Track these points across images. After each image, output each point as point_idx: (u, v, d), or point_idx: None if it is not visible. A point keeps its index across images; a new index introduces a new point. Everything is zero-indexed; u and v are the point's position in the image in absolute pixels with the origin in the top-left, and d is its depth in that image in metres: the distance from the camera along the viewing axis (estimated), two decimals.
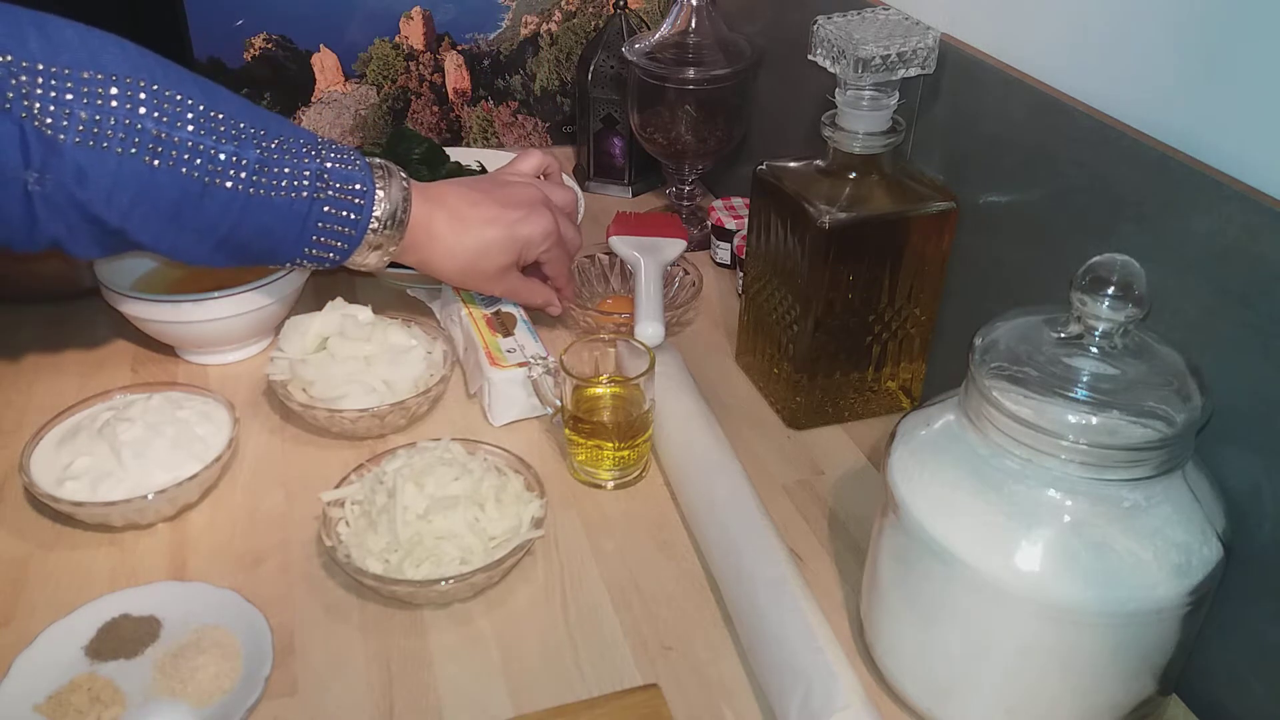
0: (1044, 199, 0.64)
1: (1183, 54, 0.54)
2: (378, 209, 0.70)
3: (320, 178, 0.67)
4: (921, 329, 0.75)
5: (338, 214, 0.68)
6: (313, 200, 0.67)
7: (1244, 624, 0.53)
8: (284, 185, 0.66)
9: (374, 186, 0.70)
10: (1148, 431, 0.47)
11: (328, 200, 0.68)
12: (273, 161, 0.65)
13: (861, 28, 0.71)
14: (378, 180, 0.70)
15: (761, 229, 0.76)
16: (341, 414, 0.72)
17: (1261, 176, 0.50)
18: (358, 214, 0.69)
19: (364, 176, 0.69)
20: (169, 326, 0.79)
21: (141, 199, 0.62)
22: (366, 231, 0.70)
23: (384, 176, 0.71)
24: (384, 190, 0.70)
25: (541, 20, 1.16)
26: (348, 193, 0.69)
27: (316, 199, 0.67)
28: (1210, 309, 0.53)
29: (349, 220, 0.69)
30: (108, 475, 0.66)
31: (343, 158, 0.69)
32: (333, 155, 0.69)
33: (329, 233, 0.69)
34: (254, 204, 0.65)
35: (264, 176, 0.65)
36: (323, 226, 0.68)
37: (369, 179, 0.70)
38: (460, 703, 0.56)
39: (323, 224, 0.68)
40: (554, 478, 0.71)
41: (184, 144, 0.62)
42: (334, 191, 0.68)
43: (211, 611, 0.59)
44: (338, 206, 0.68)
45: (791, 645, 0.54)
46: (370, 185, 0.70)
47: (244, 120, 0.65)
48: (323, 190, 0.67)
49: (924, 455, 0.53)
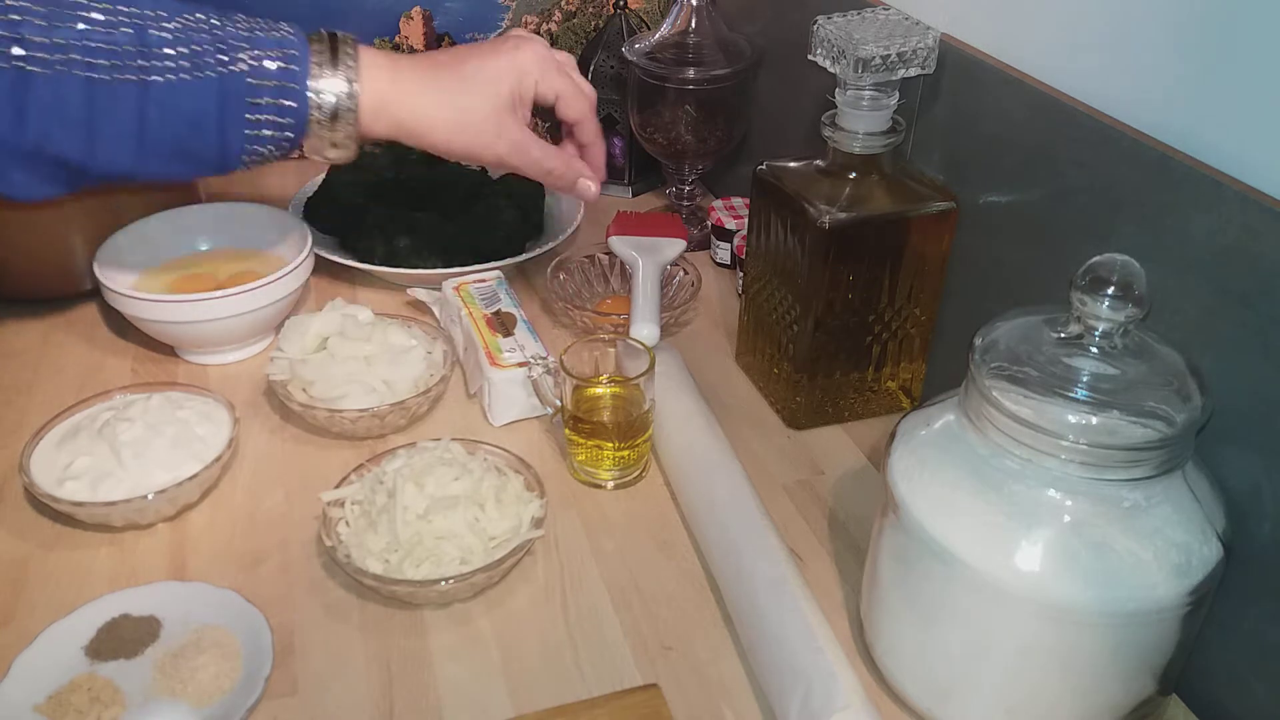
0: (1044, 199, 0.64)
1: (1183, 54, 0.55)
2: (315, 69, 0.63)
3: (234, 49, 0.61)
4: (921, 329, 0.75)
5: (266, 84, 0.62)
6: (226, 76, 0.61)
7: (1244, 624, 0.53)
8: (191, 66, 0.60)
9: (307, 47, 0.63)
10: (1148, 431, 0.47)
11: (250, 72, 0.61)
12: (174, 41, 0.60)
13: (861, 28, 0.71)
14: (314, 43, 0.64)
15: (761, 229, 0.76)
16: (341, 414, 0.72)
17: (1261, 176, 0.50)
18: (290, 79, 0.62)
19: (290, 40, 0.63)
20: (169, 326, 0.79)
21: (44, 112, 0.58)
22: (308, 95, 0.63)
23: (320, 40, 0.64)
24: (321, 50, 0.63)
25: (541, 20, 1.16)
26: (275, 57, 0.62)
27: (233, 72, 0.61)
28: (1210, 309, 0.53)
29: (285, 89, 0.62)
30: (108, 475, 0.66)
31: (262, 26, 0.63)
32: (246, 23, 0.62)
33: (266, 108, 0.62)
34: (163, 91, 0.60)
35: (164, 60, 0.59)
36: (254, 103, 0.62)
37: (298, 43, 0.63)
38: (460, 703, 0.56)
39: (254, 99, 0.62)
40: (554, 478, 0.71)
41: (70, 45, 0.58)
42: (254, 60, 0.61)
43: (211, 611, 0.59)
44: (264, 75, 0.61)
45: (791, 645, 0.54)
46: (302, 47, 0.63)
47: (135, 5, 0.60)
48: (237, 62, 0.61)
49: (924, 455, 0.53)
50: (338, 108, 0.63)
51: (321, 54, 0.63)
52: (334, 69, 0.63)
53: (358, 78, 0.64)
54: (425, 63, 0.67)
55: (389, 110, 0.65)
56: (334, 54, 0.64)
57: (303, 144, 0.65)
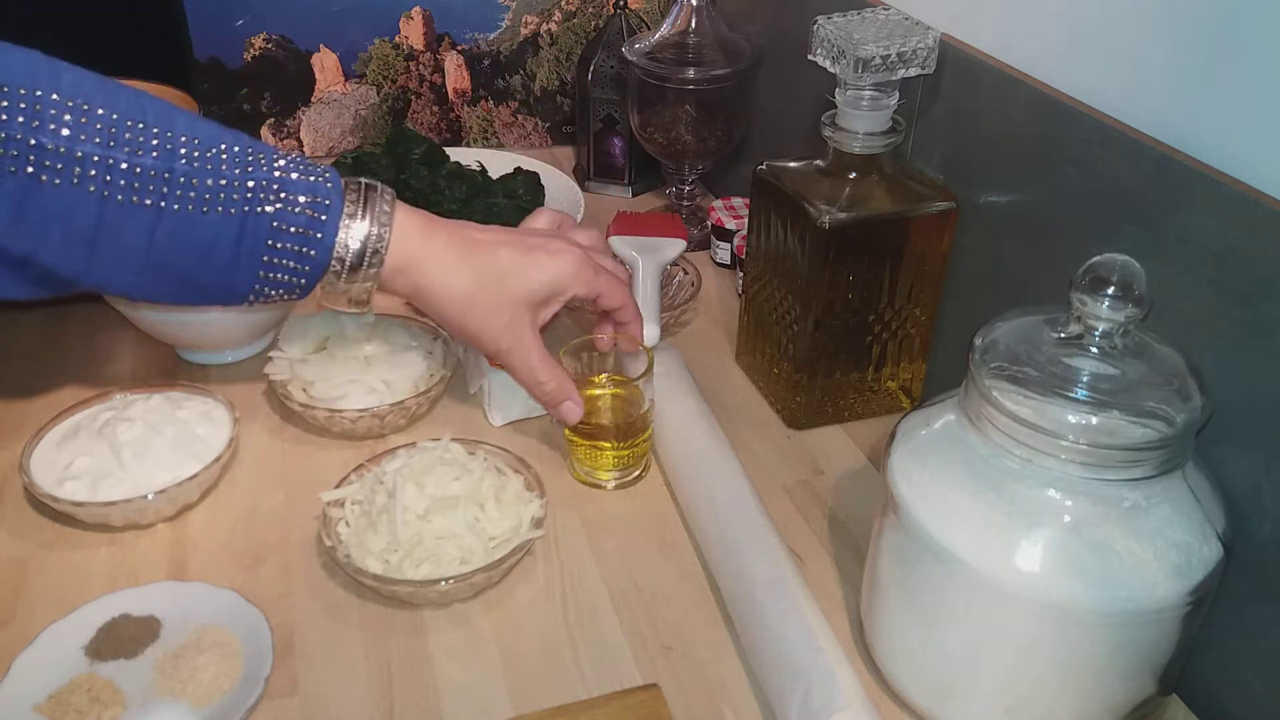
0: (1044, 199, 0.64)
1: (1183, 54, 0.55)
2: (346, 220, 0.60)
3: (265, 189, 0.58)
4: (921, 329, 0.75)
5: (289, 230, 0.59)
6: (249, 214, 0.57)
7: (1244, 624, 0.53)
8: (213, 199, 0.57)
9: (341, 198, 0.60)
10: (1148, 431, 0.47)
11: (276, 215, 0.58)
12: (202, 172, 0.56)
13: (861, 28, 0.71)
14: (349, 193, 0.61)
15: (761, 229, 0.76)
16: (341, 414, 0.72)
17: (1261, 176, 0.50)
18: (317, 229, 0.59)
19: (324, 187, 0.59)
20: (169, 326, 0.79)
21: (47, 222, 0.54)
22: (332, 249, 0.60)
23: (357, 190, 0.61)
24: (355, 200, 0.60)
25: (541, 20, 1.16)
26: (302, 205, 0.59)
27: (259, 213, 0.58)
28: (1210, 309, 0.53)
29: (307, 237, 0.59)
30: (108, 475, 0.66)
31: (300, 167, 0.60)
32: (285, 165, 0.59)
33: (284, 253, 0.59)
34: (179, 221, 0.56)
35: (187, 190, 0.56)
36: (274, 246, 0.59)
37: (332, 192, 0.60)
38: (460, 703, 0.56)
39: (274, 243, 0.59)
40: (554, 478, 0.71)
41: (88, 159, 0.54)
42: (282, 204, 0.58)
43: (211, 611, 0.59)
44: (289, 221, 0.58)
45: (791, 645, 0.54)
46: (336, 197, 0.60)
47: (170, 130, 0.56)
48: (265, 203, 0.58)
49: (924, 455, 0.53)
50: (363, 259, 0.61)
51: (355, 203, 0.60)
52: (366, 218, 0.60)
53: (389, 234, 0.61)
54: (459, 235, 0.65)
55: (413, 272, 0.63)
56: (369, 204, 0.61)
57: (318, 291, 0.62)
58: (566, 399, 0.68)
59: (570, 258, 0.66)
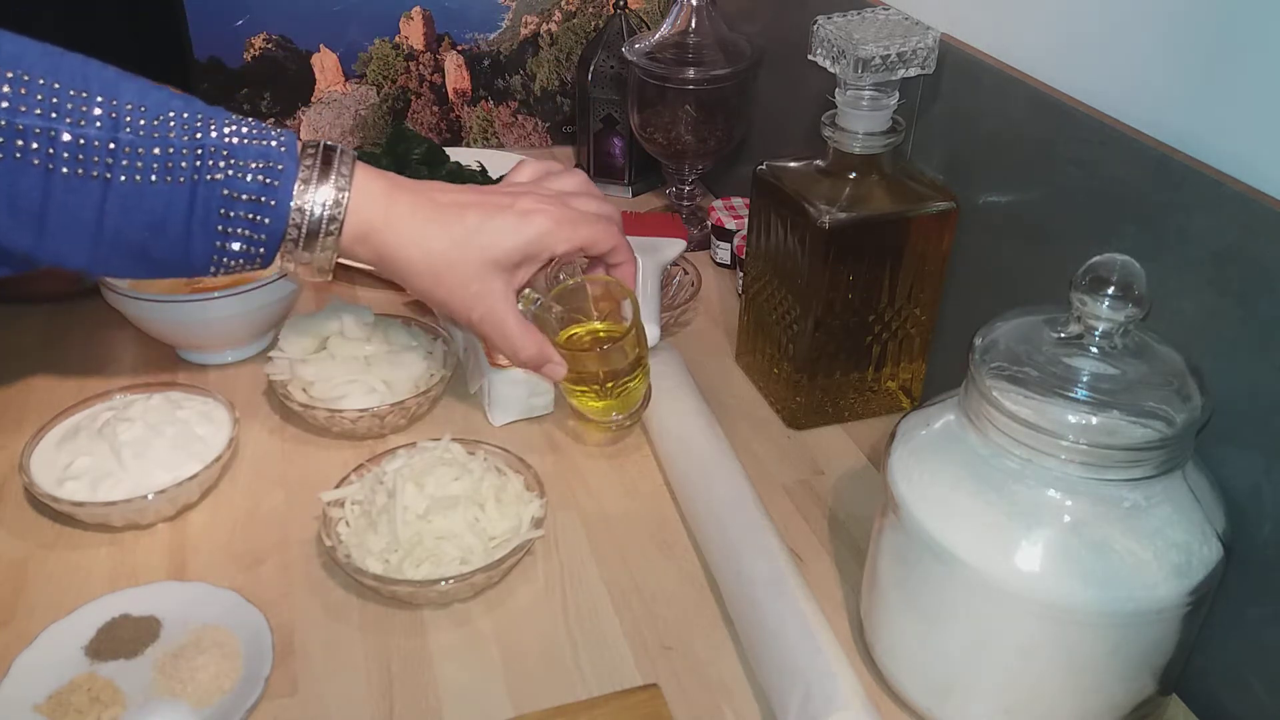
0: (1044, 199, 0.64)
1: (1183, 54, 0.55)
2: (301, 185, 0.57)
3: (213, 155, 0.55)
4: (921, 329, 0.75)
5: (241, 197, 0.56)
6: (199, 183, 0.55)
7: (1244, 624, 0.53)
8: (160, 168, 0.54)
9: (296, 162, 0.57)
10: (1148, 431, 0.47)
11: (226, 182, 0.55)
12: (148, 141, 0.54)
13: (861, 28, 0.71)
14: (305, 157, 0.58)
15: (761, 229, 0.76)
16: (341, 414, 0.72)
17: (1261, 176, 0.50)
18: (270, 196, 0.56)
19: (276, 151, 0.57)
20: (169, 326, 0.79)
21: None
22: (288, 216, 0.57)
23: (314, 153, 0.58)
24: (311, 165, 0.58)
25: (541, 20, 1.16)
26: (254, 171, 0.56)
27: (208, 180, 0.55)
28: (1210, 309, 0.53)
29: (260, 205, 0.56)
30: (108, 475, 0.66)
31: (253, 131, 0.57)
32: (234, 129, 0.56)
33: (238, 221, 0.56)
34: (127, 193, 0.54)
35: (134, 160, 0.54)
36: (227, 215, 0.56)
37: (285, 156, 0.57)
38: (460, 703, 0.56)
39: (226, 211, 0.56)
40: (554, 478, 0.71)
41: (29, 131, 0.51)
42: (233, 170, 0.55)
43: (211, 611, 0.59)
44: (240, 189, 0.56)
45: (791, 645, 0.54)
46: (289, 161, 0.57)
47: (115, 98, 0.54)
48: (214, 170, 0.55)
49: (924, 455, 0.53)
50: (321, 225, 0.58)
51: (311, 168, 0.58)
52: (324, 183, 0.58)
53: (348, 198, 0.59)
54: (424, 197, 0.62)
55: (374, 240, 0.60)
56: (326, 167, 0.58)
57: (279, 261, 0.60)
58: (547, 361, 0.66)
59: (543, 217, 0.62)
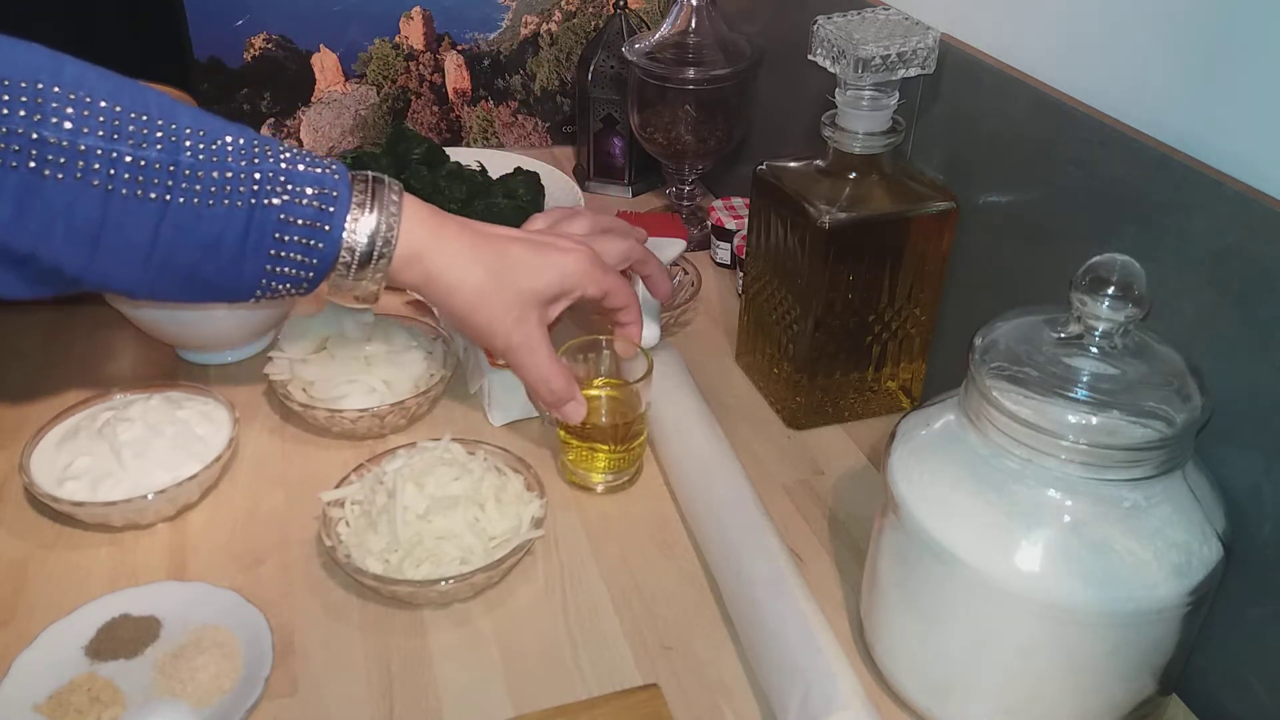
0: (1044, 199, 0.64)
1: (1183, 54, 0.55)
2: (355, 212, 0.59)
3: (271, 180, 0.57)
4: (921, 329, 0.75)
5: (297, 222, 0.58)
6: (256, 207, 0.57)
7: (1244, 624, 0.53)
8: (219, 191, 0.56)
9: (349, 190, 0.59)
10: (1148, 431, 0.47)
11: (283, 207, 0.57)
12: (207, 165, 0.55)
13: (861, 28, 0.71)
14: (356, 185, 0.60)
15: (761, 229, 0.76)
16: (341, 414, 0.72)
17: (1261, 176, 0.50)
18: (325, 221, 0.58)
19: (331, 179, 0.59)
20: (169, 326, 0.79)
21: (50, 218, 0.53)
22: (341, 241, 0.59)
23: (365, 182, 0.60)
24: (363, 192, 0.60)
25: (541, 20, 1.16)
26: (310, 197, 0.58)
27: (265, 205, 0.57)
28: (1210, 309, 0.53)
29: (315, 229, 0.58)
30: (108, 475, 0.66)
31: (306, 159, 0.59)
32: (291, 157, 0.58)
33: (292, 246, 0.58)
34: (184, 215, 0.55)
35: (193, 183, 0.55)
36: (281, 239, 0.58)
37: (340, 184, 0.59)
38: (460, 703, 0.56)
39: (281, 235, 0.58)
40: (554, 478, 0.71)
41: (91, 152, 0.53)
42: (289, 196, 0.57)
43: (211, 611, 0.59)
44: (296, 214, 0.58)
45: (791, 645, 0.54)
46: (344, 189, 0.59)
47: (174, 122, 0.55)
48: (272, 195, 0.57)
49: (924, 455, 0.53)
50: (373, 251, 0.60)
51: (364, 193, 0.60)
52: (375, 210, 0.60)
53: (399, 225, 0.60)
54: (469, 228, 0.64)
55: (424, 260, 0.62)
56: (377, 195, 0.60)
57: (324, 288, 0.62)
58: (571, 399, 0.67)
59: (581, 255, 0.66)
